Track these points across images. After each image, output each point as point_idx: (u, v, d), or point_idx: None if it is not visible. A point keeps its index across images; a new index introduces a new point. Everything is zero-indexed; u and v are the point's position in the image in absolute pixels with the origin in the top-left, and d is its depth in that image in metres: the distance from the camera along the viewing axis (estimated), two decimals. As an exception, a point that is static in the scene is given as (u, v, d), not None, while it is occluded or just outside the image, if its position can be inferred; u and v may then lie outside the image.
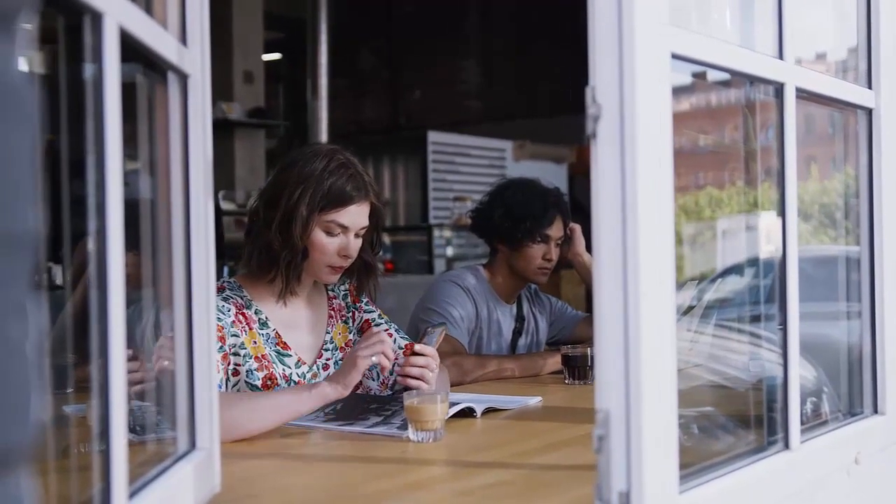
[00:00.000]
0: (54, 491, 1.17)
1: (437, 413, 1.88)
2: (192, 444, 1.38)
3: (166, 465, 1.29)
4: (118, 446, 1.02)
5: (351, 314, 2.45)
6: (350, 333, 2.42)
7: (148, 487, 1.18)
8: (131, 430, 1.18)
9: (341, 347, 2.38)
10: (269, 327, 2.25)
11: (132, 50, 1.12)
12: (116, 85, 1.03)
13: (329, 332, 2.37)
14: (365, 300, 2.48)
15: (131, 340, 1.08)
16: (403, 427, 1.93)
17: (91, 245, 1.02)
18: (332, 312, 2.41)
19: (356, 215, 2.25)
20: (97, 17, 1.00)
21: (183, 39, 1.36)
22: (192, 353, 1.39)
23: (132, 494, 1.10)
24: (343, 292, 2.46)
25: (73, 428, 1.47)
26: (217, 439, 1.43)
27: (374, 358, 2.01)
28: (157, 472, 1.25)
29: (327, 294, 2.43)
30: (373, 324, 2.44)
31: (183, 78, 1.35)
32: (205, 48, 1.40)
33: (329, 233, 2.22)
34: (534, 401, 2.38)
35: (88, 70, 1.03)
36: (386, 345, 2.04)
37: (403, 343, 2.41)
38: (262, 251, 2.23)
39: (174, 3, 1.36)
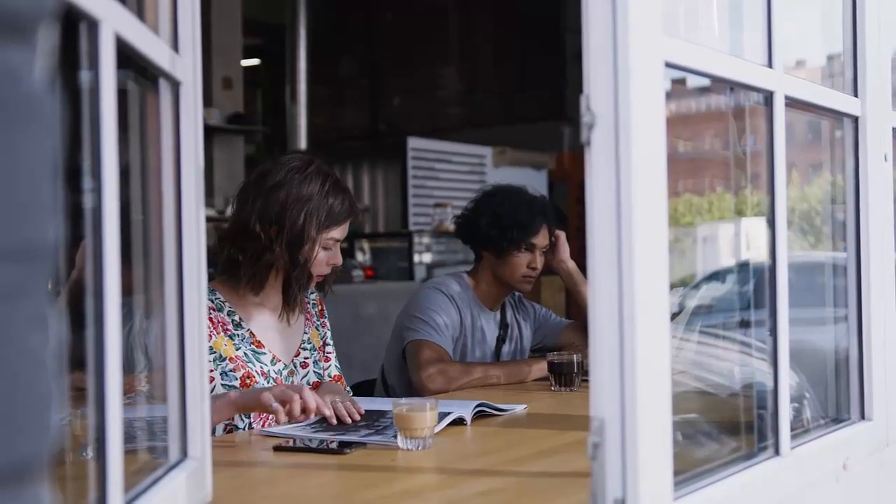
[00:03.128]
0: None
1: (427, 421, 1.88)
2: (184, 454, 1.37)
3: (159, 475, 1.28)
4: (114, 456, 1.01)
5: (321, 322, 2.55)
6: (321, 339, 2.52)
7: (142, 497, 1.17)
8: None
9: (319, 348, 2.49)
10: (243, 328, 2.31)
11: (125, 56, 1.12)
12: (112, 92, 1.02)
13: (307, 333, 2.47)
14: (324, 318, 2.56)
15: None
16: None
17: (87, 252, 1.02)
18: (308, 315, 2.50)
19: (346, 229, 2.38)
20: (94, 25, 0.99)
21: (175, 46, 1.35)
22: (183, 362, 1.38)
23: (127, 504, 1.09)
24: (312, 301, 2.55)
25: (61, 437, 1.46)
26: (209, 448, 1.42)
27: (274, 404, 1.96)
28: (150, 481, 1.24)
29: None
30: (326, 342, 2.54)
31: (175, 85, 1.35)
32: (196, 55, 1.40)
33: (325, 248, 2.33)
34: (520, 408, 2.39)
35: (84, 77, 1.02)
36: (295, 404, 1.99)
37: (335, 373, 2.49)
38: (265, 269, 2.29)
39: (165, 10, 1.35)
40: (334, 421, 2.09)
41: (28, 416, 0.56)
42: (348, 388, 2.53)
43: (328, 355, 2.54)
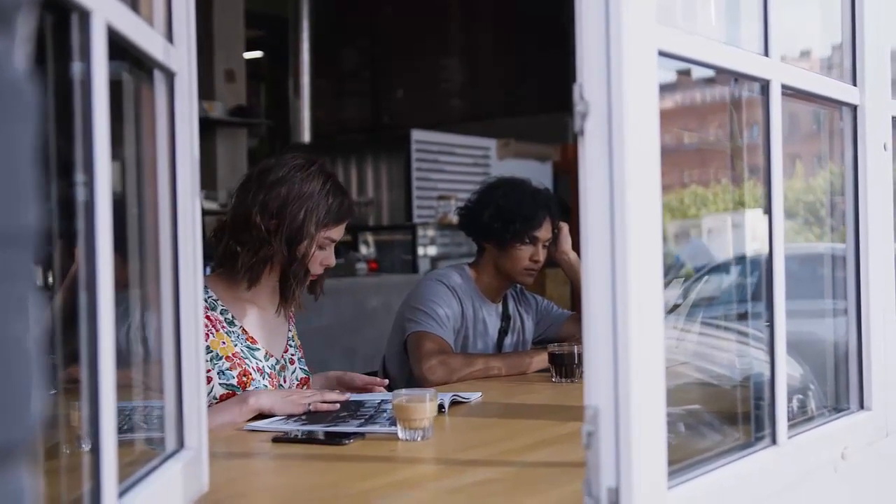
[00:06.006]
0: (43, 491, 1.16)
1: (426, 412, 1.88)
2: (181, 444, 1.38)
3: (154, 465, 1.29)
4: (108, 446, 1.01)
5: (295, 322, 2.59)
6: (298, 338, 2.57)
7: (137, 487, 1.17)
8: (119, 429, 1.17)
9: (299, 346, 2.54)
10: (236, 325, 2.34)
11: (118, 48, 1.12)
12: (104, 83, 1.03)
13: (291, 331, 2.52)
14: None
15: (116, 341, 1.08)
16: (393, 423, 1.92)
17: (80, 246, 1.02)
18: (291, 315, 2.54)
19: (343, 230, 2.41)
20: (85, 15, 0.99)
21: (169, 37, 1.35)
22: (179, 353, 1.38)
23: (121, 494, 1.10)
24: None
25: (58, 429, 1.46)
26: (205, 439, 1.42)
27: (310, 407, 2.17)
28: (146, 471, 1.24)
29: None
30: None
31: (170, 76, 1.35)
32: (191, 46, 1.40)
33: (320, 247, 2.35)
34: (475, 396, 2.40)
35: (75, 68, 1.02)
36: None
37: (301, 375, 2.50)
38: (262, 262, 2.31)
39: (160, 1, 1.35)
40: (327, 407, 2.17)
41: (8, 401, 0.56)
42: None
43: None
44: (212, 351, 2.25)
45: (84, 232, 1.01)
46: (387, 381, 2.53)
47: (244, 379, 2.28)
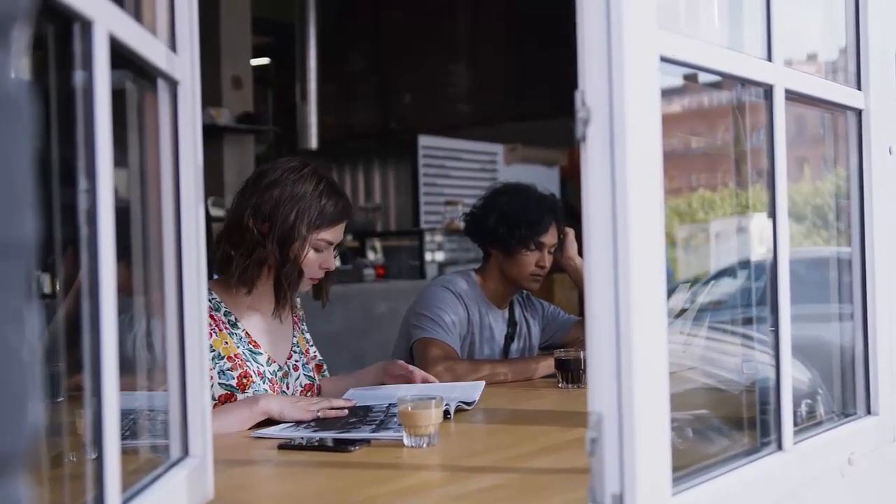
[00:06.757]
0: (47, 499, 1.16)
1: (432, 418, 1.88)
2: (185, 451, 1.38)
3: (159, 473, 1.29)
4: (111, 454, 1.02)
5: (304, 328, 2.59)
6: (307, 343, 2.56)
7: (141, 495, 1.17)
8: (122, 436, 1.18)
9: (305, 352, 2.53)
10: (239, 328, 2.35)
11: (121, 57, 1.12)
12: (107, 92, 1.03)
13: (295, 337, 2.51)
14: (303, 325, 2.60)
15: (122, 349, 1.08)
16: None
17: (82, 253, 1.02)
18: (296, 320, 2.54)
19: (341, 232, 2.40)
20: (87, 25, 1.00)
21: (172, 46, 1.35)
22: (184, 361, 1.38)
23: (125, 501, 1.10)
24: (299, 304, 2.60)
25: (63, 437, 1.47)
26: (210, 446, 1.42)
27: (319, 414, 2.16)
28: (151, 479, 1.25)
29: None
30: (309, 343, 2.59)
31: (173, 85, 1.35)
32: (194, 54, 1.40)
33: (317, 249, 2.35)
34: (479, 387, 2.43)
35: (78, 77, 1.03)
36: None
37: (305, 382, 2.51)
38: (256, 265, 2.31)
39: (163, 10, 1.35)
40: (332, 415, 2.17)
41: (4, 412, 0.56)
42: (325, 373, 2.61)
43: (315, 355, 2.59)
44: (214, 350, 2.26)
45: (87, 239, 1.02)
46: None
47: (244, 381, 2.28)
